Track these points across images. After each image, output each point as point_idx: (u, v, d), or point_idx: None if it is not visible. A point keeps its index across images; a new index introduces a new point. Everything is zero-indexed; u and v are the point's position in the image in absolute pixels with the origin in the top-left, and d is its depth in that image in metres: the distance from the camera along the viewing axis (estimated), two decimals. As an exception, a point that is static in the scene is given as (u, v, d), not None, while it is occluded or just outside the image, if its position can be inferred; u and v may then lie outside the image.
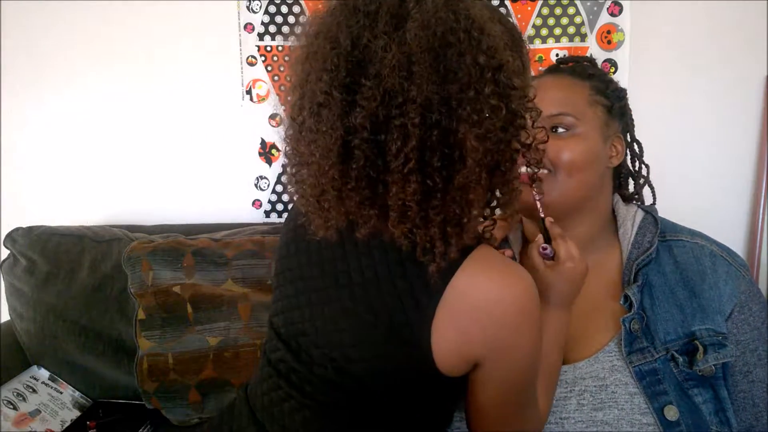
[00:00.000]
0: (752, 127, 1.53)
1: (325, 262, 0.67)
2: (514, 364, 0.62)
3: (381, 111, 0.53)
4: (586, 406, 0.77)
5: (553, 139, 0.83)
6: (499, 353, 0.60)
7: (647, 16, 1.49)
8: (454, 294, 0.58)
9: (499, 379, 0.62)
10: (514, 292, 0.59)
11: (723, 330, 0.79)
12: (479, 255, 0.60)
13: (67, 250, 1.45)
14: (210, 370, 1.37)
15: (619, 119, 0.90)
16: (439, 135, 0.53)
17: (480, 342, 0.59)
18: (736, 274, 0.82)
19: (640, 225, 0.87)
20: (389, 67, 0.52)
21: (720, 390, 0.77)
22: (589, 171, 0.84)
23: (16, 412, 1.31)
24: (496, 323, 0.58)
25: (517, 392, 0.65)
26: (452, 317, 0.58)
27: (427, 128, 0.53)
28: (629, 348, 0.78)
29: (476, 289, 0.58)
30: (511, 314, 0.58)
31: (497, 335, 0.59)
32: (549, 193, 0.82)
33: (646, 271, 0.83)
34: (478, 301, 0.58)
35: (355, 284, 0.63)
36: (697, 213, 1.34)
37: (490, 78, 0.54)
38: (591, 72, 0.91)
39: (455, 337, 0.58)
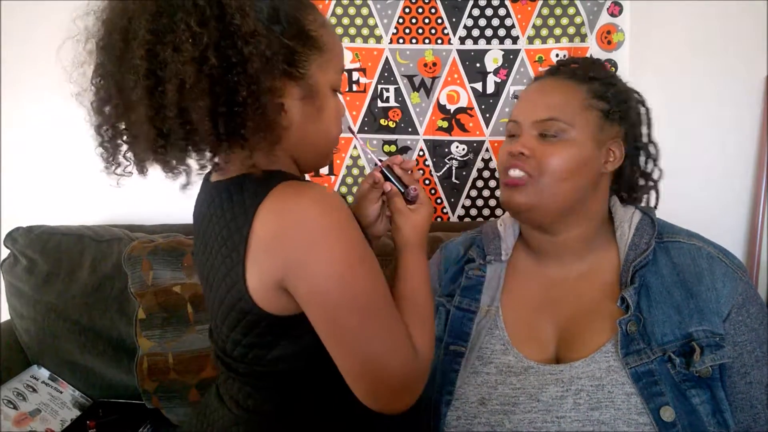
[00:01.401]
0: (752, 127, 1.53)
1: (200, 239, 0.71)
2: (321, 283, 0.61)
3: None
4: (583, 406, 0.77)
5: (541, 143, 0.84)
6: (295, 269, 0.61)
7: (647, 16, 1.50)
8: (255, 227, 0.61)
9: (311, 302, 0.62)
10: (298, 208, 0.61)
11: (720, 331, 0.79)
12: (275, 191, 0.62)
13: (67, 249, 1.45)
14: (210, 369, 1.37)
15: (620, 123, 0.88)
16: (150, 56, 0.58)
17: (275, 263, 0.61)
18: (734, 275, 0.82)
19: (637, 226, 0.87)
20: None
21: (717, 391, 0.77)
22: (577, 177, 0.83)
23: (16, 412, 1.31)
24: (282, 240, 0.61)
25: (343, 318, 0.62)
26: (254, 254, 0.62)
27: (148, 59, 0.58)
28: (626, 350, 0.78)
29: (266, 219, 0.61)
30: (296, 229, 0.60)
31: (287, 253, 0.60)
32: (536, 197, 0.83)
33: (643, 273, 0.83)
34: (272, 225, 0.61)
35: (210, 252, 0.68)
36: (696, 213, 1.34)
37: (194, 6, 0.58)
38: (592, 75, 0.89)
39: (258, 272, 0.62)
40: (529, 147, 0.83)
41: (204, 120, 0.58)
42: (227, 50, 0.58)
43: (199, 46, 0.57)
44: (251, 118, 0.60)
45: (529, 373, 0.82)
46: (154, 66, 0.58)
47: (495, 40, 1.55)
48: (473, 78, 1.57)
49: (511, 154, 0.85)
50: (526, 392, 0.80)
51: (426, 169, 1.62)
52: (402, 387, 0.65)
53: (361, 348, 0.62)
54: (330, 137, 0.72)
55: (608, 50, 1.51)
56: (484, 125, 1.58)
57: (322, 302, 0.62)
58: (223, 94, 0.58)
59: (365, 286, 0.63)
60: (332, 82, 0.70)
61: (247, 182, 0.64)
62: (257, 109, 0.60)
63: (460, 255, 1.00)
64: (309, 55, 0.66)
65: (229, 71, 0.58)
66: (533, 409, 0.79)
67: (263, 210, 0.61)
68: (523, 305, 0.89)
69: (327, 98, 0.69)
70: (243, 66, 0.58)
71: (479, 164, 1.60)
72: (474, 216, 1.63)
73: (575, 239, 0.87)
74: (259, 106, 0.60)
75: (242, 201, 0.64)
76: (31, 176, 1.72)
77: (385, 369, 0.63)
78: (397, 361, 0.63)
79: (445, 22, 1.55)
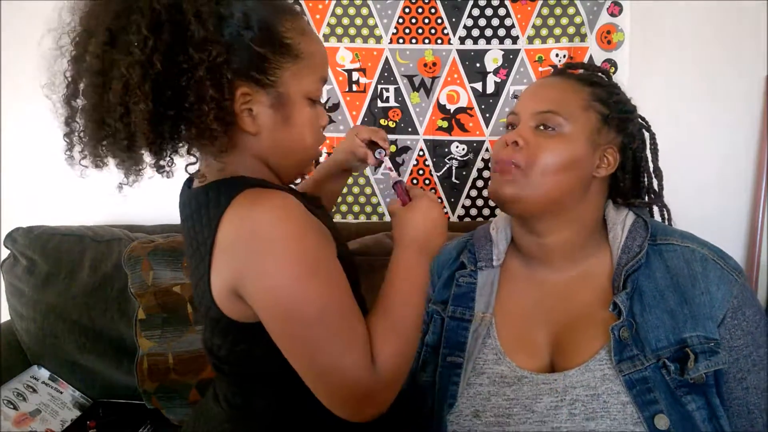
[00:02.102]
0: (752, 127, 1.53)
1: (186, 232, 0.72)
2: (268, 291, 0.61)
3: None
4: (578, 416, 0.75)
5: (537, 135, 0.83)
6: (246, 274, 0.61)
7: (647, 16, 1.49)
8: (218, 236, 0.62)
9: (261, 310, 0.62)
10: (254, 215, 0.61)
11: (715, 336, 0.77)
12: (237, 199, 0.63)
13: (67, 250, 1.45)
14: (210, 369, 1.36)
15: (618, 131, 0.88)
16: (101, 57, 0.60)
17: (229, 268, 0.62)
18: (729, 278, 0.80)
19: (630, 229, 0.86)
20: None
21: (712, 397, 0.76)
22: (566, 174, 0.82)
23: (17, 412, 1.31)
24: (236, 245, 0.62)
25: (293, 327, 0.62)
26: (216, 262, 0.63)
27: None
28: (619, 356, 0.76)
29: (229, 225, 0.62)
30: (250, 234, 0.61)
31: (240, 258, 0.61)
32: (521, 189, 0.82)
33: (636, 277, 0.81)
34: (229, 233, 0.62)
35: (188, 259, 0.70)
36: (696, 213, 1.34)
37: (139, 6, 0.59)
38: (596, 80, 0.90)
39: (218, 280, 0.63)
40: (524, 137, 0.83)
41: (142, 122, 0.59)
42: (178, 56, 0.59)
43: (146, 51, 0.58)
44: (194, 124, 0.61)
45: (522, 383, 0.80)
46: (105, 66, 0.60)
47: (495, 40, 1.55)
48: (473, 78, 1.57)
49: (505, 143, 0.85)
50: (521, 403, 0.79)
51: (426, 169, 1.62)
52: (358, 398, 0.63)
53: (310, 358, 0.62)
54: (304, 146, 0.71)
55: (608, 50, 1.51)
56: (484, 125, 1.58)
57: (270, 311, 0.62)
58: (170, 99, 0.60)
59: (315, 297, 0.61)
60: (307, 90, 0.69)
61: (211, 191, 0.66)
62: (200, 115, 0.60)
63: (452, 260, 0.98)
64: (281, 62, 0.65)
65: (179, 76, 0.59)
66: (528, 420, 0.78)
67: (225, 219, 0.62)
68: (516, 312, 0.88)
69: (298, 107, 0.68)
70: (192, 72, 0.59)
71: (479, 164, 1.60)
72: (474, 216, 1.63)
73: (565, 243, 0.86)
74: (202, 113, 0.60)
75: (207, 211, 0.65)
76: (31, 176, 1.73)
77: (337, 379, 0.62)
78: (349, 373, 0.62)
79: (445, 22, 1.55)
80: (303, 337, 0.62)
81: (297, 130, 0.69)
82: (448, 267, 0.98)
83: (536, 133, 0.84)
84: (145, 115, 0.59)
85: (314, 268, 0.62)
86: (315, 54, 0.70)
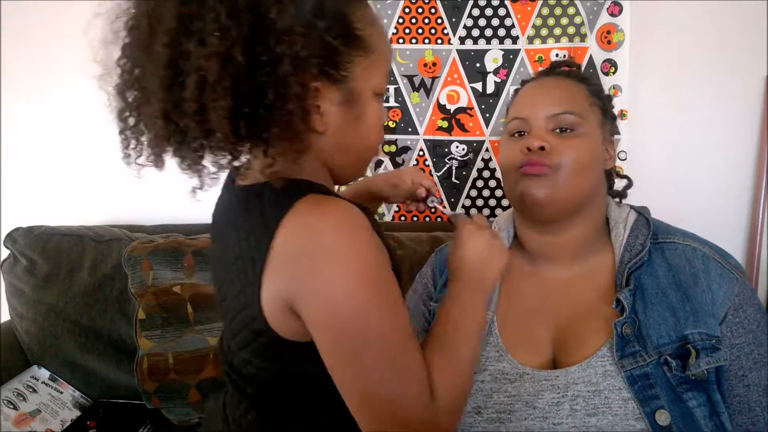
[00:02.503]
0: (752, 127, 1.53)
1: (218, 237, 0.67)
2: (330, 308, 0.55)
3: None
4: (580, 412, 0.76)
5: (558, 138, 0.83)
6: (306, 289, 0.56)
7: (647, 16, 1.49)
8: (276, 243, 0.56)
9: (319, 330, 0.57)
10: (319, 225, 0.56)
11: (716, 334, 0.78)
12: (299, 205, 0.57)
13: (67, 250, 1.45)
14: (210, 369, 1.37)
15: (611, 123, 0.91)
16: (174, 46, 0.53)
17: (286, 280, 0.56)
18: (730, 276, 0.81)
19: (632, 227, 0.87)
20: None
21: (713, 394, 0.76)
22: (591, 171, 0.84)
23: (17, 412, 1.31)
24: (297, 257, 0.56)
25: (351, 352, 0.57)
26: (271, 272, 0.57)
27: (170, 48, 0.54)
28: (621, 352, 0.77)
29: (292, 232, 0.56)
30: (313, 247, 0.55)
31: (300, 272, 0.56)
32: (555, 190, 0.82)
33: (639, 275, 0.82)
34: (290, 242, 0.56)
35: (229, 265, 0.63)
36: (696, 213, 1.34)
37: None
38: (585, 76, 0.92)
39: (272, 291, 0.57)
40: (548, 141, 0.83)
41: (222, 121, 0.53)
42: (257, 47, 0.52)
43: (226, 41, 0.51)
44: (276, 123, 0.55)
45: (524, 379, 0.81)
46: (176, 56, 0.53)
47: (495, 40, 1.55)
48: (473, 78, 1.57)
49: (529, 149, 0.82)
50: (522, 399, 0.79)
51: (426, 169, 1.62)
52: (412, 430, 0.58)
53: (366, 383, 0.57)
54: (369, 145, 0.67)
55: (608, 50, 1.50)
56: (484, 125, 1.58)
57: (330, 329, 0.57)
58: (248, 95, 0.53)
59: (378, 316, 0.57)
60: (376, 86, 0.64)
61: (268, 192, 0.59)
62: (283, 114, 0.54)
63: None
64: (353, 56, 0.60)
65: (257, 70, 0.53)
66: (529, 417, 0.78)
67: (286, 225, 0.56)
68: (518, 309, 0.88)
69: (369, 104, 0.64)
70: (273, 66, 0.53)
71: (479, 164, 1.60)
72: (474, 216, 1.63)
73: (576, 240, 0.87)
74: (286, 112, 0.54)
75: (262, 213, 0.59)
76: (31, 176, 1.73)
77: (392, 410, 0.57)
78: (407, 403, 0.57)
79: (445, 22, 1.55)
80: (360, 361, 0.57)
81: (365, 128, 0.64)
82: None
83: (556, 135, 0.84)
84: (225, 113, 0.52)
85: (378, 285, 0.58)
86: (384, 46, 0.65)
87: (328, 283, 0.55)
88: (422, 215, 1.64)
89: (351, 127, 0.63)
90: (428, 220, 1.64)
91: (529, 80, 0.96)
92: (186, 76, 0.53)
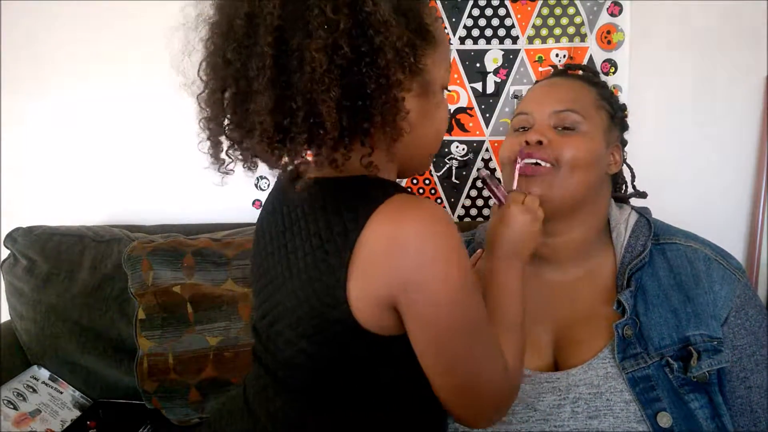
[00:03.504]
0: (752, 127, 1.53)
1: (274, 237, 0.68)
2: (430, 303, 0.58)
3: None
4: (581, 414, 0.76)
5: (558, 135, 0.84)
6: (409, 289, 0.57)
7: (647, 16, 1.49)
8: (366, 235, 0.57)
9: (422, 322, 0.59)
10: (414, 226, 0.57)
11: (718, 335, 0.78)
12: (392, 200, 0.59)
13: (67, 250, 1.45)
14: (210, 369, 1.37)
15: (620, 130, 0.91)
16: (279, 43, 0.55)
17: (386, 279, 0.57)
18: (731, 277, 0.81)
19: (633, 228, 0.87)
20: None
21: (715, 396, 0.76)
22: (590, 171, 0.84)
23: (17, 412, 1.31)
24: (396, 257, 0.57)
25: (451, 339, 0.60)
26: (362, 263, 0.57)
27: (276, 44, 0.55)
28: (622, 354, 0.77)
29: (379, 231, 0.57)
30: (412, 247, 0.57)
31: (401, 272, 0.57)
32: (550, 188, 0.82)
33: (640, 276, 0.82)
34: (380, 241, 0.57)
35: (290, 251, 0.64)
36: (696, 213, 1.34)
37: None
38: (596, 81, 0.92)
39: (363, 283, 0.58)
40: (547, 136, 0.83)
41: (332, 113, 0.55)
42: (358, 39, 0.55)
43: (333, 33, 0.53)
44: (378, 112, 0.57)
45: (525, 382, 0.80)
46: (281, 53, 0.55)
47: (495, 40, 1.54)
48: (473, 78, 1.56)
49: (528, 143, 0.84)
50: (523, 401, 0.79)
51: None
52: (498, 404, 0.65)
53: (463, 368, 0.61)
54: (440, 136, 0.70)
55: (608, 50, 1.50)
56: (484, 125, 1.58)
57: (433, 323, 0.59)
58: (352, 86, 0.56)
59: (474, 308, 0.61)
60: (443, 79, 0.66)
61: (358, 184, 0.61)
62: (385, 103, 0.57)
63: None
64: (426, 49, 0.62)
65: (358, 62, 0.55)
66: (530, 419, 0.78)
67: (378, 218, 0.57)
68: None
69: (439, 96, 0.66)
70: (373, 57, 0.55)
71: (479, 164, 1.60)
72: (474, 216, 1.63)
73: (575, 242, 0.87)
74: (387, 101, 0.57)
75: (352, 205, 0.59)
76: (31, 176, 1.72)
77: (483, 387, 0.62)
78: (495, 379, 0.62)
79: (445, 22, 1.55)
80: (460, 349, 0.60)
81: (438, 119, 0.67)
82: None
83: (556, 132, 0.84)
84: (334, 104, 0.54)
85: (470, 281, 0.60)
86: (446, 41, 0.67)
87: (434, 281, 0.57)
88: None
89: (426, 118, 0.65)
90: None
91: (542, 79, 0.97)
92: (292, 72, 0.55)
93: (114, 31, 1.60)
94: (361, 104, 0.56)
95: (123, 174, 1.69)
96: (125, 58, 1.61)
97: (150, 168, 1.68)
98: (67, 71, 1.65)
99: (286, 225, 0.66)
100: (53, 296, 1.43)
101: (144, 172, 1.69)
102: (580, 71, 0.98)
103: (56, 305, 1.43)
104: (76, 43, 1.62)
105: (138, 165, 1.68)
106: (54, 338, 1.44)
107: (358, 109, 0.57)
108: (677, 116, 1.54)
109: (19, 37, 1.64)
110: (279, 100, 0.56)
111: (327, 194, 0.63)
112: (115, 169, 1.69)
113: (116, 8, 1.59)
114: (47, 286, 1.43)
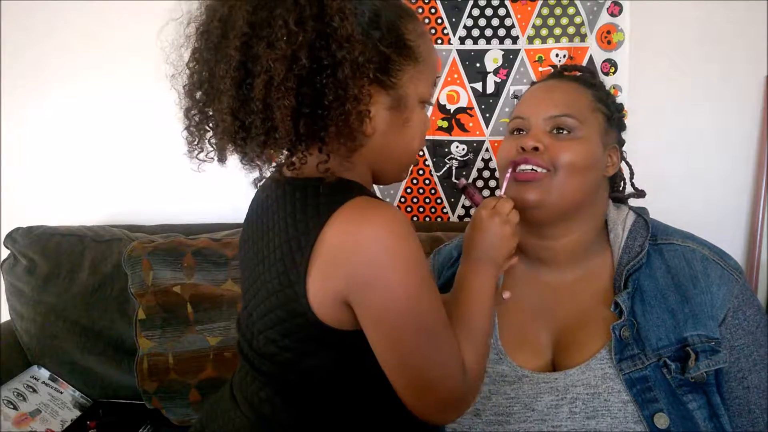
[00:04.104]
0: (752, 127, 1.53)
1: (257, 222, 0.71)
2: (386, 301, 0.60)
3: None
4: (579, 414, 0.76)
5: (554, 139, 0.84)
6: (362, 288, 0.60)
7: (647, 16, 1.49)
8: (326, 234, 0.60)
9: (374, 320, 0.61)
10: (372, 227, 0.60)
11: (716, 336, 0.77)
12: (353, 202, 0.61)
13: (67, 250, 1.45)
14: (210, 369, 1.37)
15: (617, 131, 0.91)
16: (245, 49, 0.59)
17: (342, 277, 0.60)
18: (729, 277, 0.81)
19: (630, 229, 0.87)
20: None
21: (712, 396, 0.76)
22: (587, 174, 0.84)
23: (17, 412, 1.31)
24: (352, 256, 0.60)
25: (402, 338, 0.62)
26: (321, 261, 0.60)
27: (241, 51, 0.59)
28: (620, 355, 0.77)
29: (339, 230, 0.60)
30: (368, 248, 0.59)
31: (356, 270, 0.59)
32: (547, 194, 0.82)
33: (637, 277, 0.82)
34: (339, 240, 0.60)
35: (265, 245, 0.67)
36: (696, 213, 1.35)
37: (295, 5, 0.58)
38: (593, 82, 0.92)
39: (322, 280, 0.60)
40: (543, 142, 0.83)
41: (285, 119, 0.58)
42: (320, 52, 0.58)
43: (293, 45, 0.56)
44: (333, 123, 0.59)
45: (523, 382, 0.81)
46: (246, 58, 0.58)
47: (495, 40, 1.54)
48: (473, 78, 1.56)
49: (523, 149, 0.83)
50: (521, 402, 0.79)
51: (426, 169, 1.62)
52: (453, 404, 0.65)
53: (417, 366, 0.62)
54: (411, 150, 0.71)
55: (608, 50, 1.50)
56: (484, 125, 1.58)
57: (388, 321, 0.61)
58: (309, 96, 0.58)
59: (429, 308, 0.62)
60: (422, 94, 0.68)
61: (323, 186, 0.63)
62: (341, 114, 0.59)
63: (453, 259, 0.99)
64: (403, 64, 0.65)
65: (319, 73, 0.58)
66: (528, 419, 0.78)
67: (338, 218, 0.60)
68: (517, 312, 0.88)
69: (414, 110, 0.68)
70: (333, 70, 0.58)
71: (479, 164, 1.60)
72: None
73: (573, 245, 0.86)
74: (343, 112, 0.59)
75: (316, 204, 0.62)
76: (31, 176, 1.73)
77: (436, 385, 0.63)
78: (448, 380, 0.63)
79: (445, 22, 1.55)
80: (415, 347, 0.62)
81: (409, 133, 0.68)
82: (448, 267, 0.98)
83: (552, 137, 0.84)
84: (289, 111, 0.57)
85: (424, 280, 0.62)
86: (431, 57, 0.70)
87: (389, 280, 0.59)
88: (422, 215, 1.64)
89: (396, 131, 0.67)
90: (428, 219, 1.64)
91: (538, 81, 0.97)
92: (255, 77, 0.58)
93: (114, 32, 1.61)
94: (319, 113, 0.59)
95: (123, 174, 1.70)
96: (125, 59, 1.61)
97: (150, 168, 1.68)
98: (67, 72, 1.65)
99: (264, 221, 0.69)
100: (53, 296, 1.43)
101: (144, 172, 1.69)
102: (576, 72, 0.98)
103: (56, 305, 1.44)
104: (76, 44, 1.63)
105: (138, 165, 1.68)
106: (54, 338, 1.45)
107: (316, 117, 0.59)
108: (677, 116, 1.54)
109: (19, 37, 1.64)
110: (241, 102, 0.59)
111: (296, 193, 0.65)
112: (115, 169, 1.70)
113: (118, 9, 1.59)
114: (47, 286, 1.43)
